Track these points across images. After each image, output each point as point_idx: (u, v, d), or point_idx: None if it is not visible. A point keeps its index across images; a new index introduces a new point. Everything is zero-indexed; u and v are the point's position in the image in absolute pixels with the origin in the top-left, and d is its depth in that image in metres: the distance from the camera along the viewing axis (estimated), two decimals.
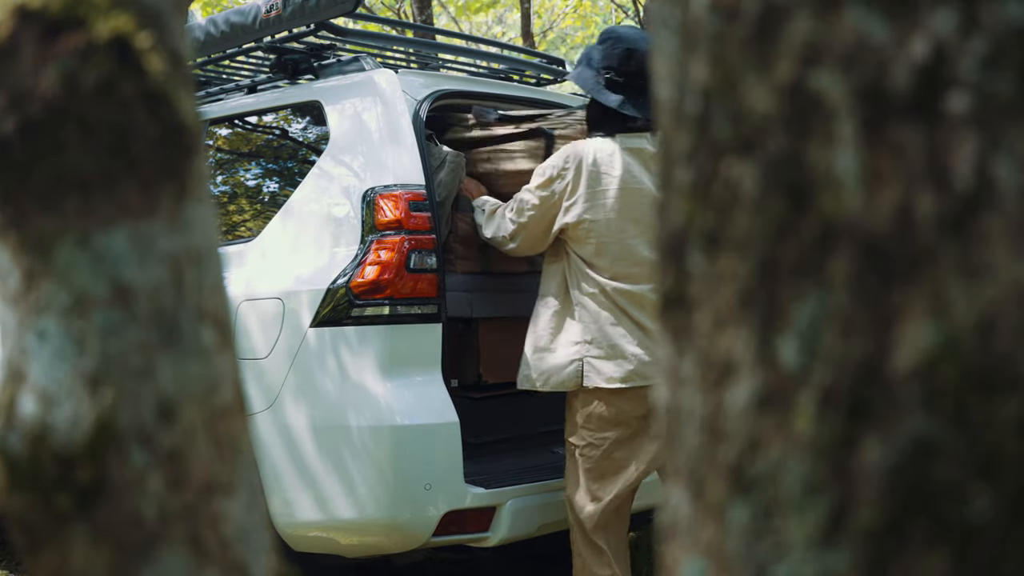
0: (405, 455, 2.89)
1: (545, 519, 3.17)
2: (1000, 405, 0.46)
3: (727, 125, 0.53)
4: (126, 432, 0.65)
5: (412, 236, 2.98)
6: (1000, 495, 0.46)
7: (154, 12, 0.68)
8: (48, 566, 0.66)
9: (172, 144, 0.68)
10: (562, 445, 3.60)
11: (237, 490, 0.69)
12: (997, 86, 0.47)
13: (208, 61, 4.05)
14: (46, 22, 0.66)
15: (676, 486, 0.57)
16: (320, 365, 3.00)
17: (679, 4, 0.56)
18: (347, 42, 3.80)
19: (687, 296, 0.56)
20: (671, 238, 0.57)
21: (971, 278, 0.47)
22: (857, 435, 0.48)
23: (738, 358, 0.53)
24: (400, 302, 2.96)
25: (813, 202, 0.50)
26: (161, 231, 0.67)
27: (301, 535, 3.06)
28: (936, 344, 0.47)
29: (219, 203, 3.72)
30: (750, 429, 0.52)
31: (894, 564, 0.48)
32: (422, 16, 8.69)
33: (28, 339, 0.66)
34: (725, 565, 0.53)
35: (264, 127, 3.81)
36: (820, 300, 0.50)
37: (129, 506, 0.64)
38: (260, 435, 3.06)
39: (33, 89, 0.66)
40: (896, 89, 0.48)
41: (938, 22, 0.47)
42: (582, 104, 4.18)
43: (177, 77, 0.69)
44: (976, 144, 0.47)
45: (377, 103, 3.19)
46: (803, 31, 0.50)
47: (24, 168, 0.66)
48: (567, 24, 13.83)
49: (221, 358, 0.69)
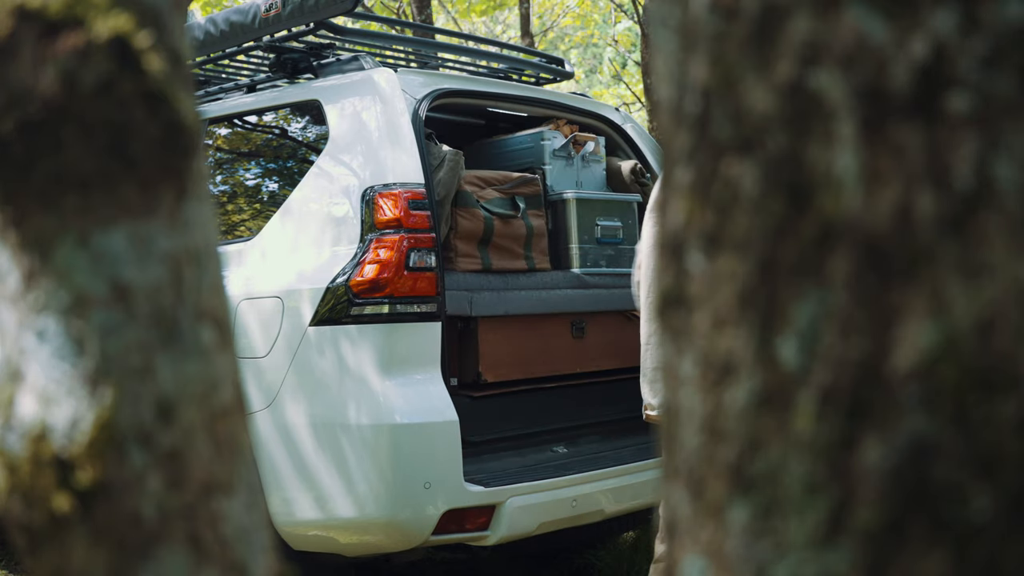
0: (404, 454, 2.89)
1: (544, 518, 3.17)
2: (1000, 405, 0.46)
3: (727, 125, 0.53)
4: (125, 432, 0.65)
5: (411, 235, 2.98)
6: (1000, 495, 0.46)
7: (153, 11, 0.68)
8: (47, 566, 0.66)
9: (171, 144, 0.68)
10: (561, 444, 3.61)
11: (236, 490, 0.69)
12: (997, 86, 0.47)
13: (207, 60, 4.05)
14: (45, 22, 0.66)
15: (676, 486, 0.57)
16: (319, 364, 3.00)
17: (679, 4, 0.56)
18: (346, 41, 3.80)
19: (687, 296, 0.56)
20: (671, 238, 0.57)
21: (971, 278, 0.47)
22: (857, 435, 0.48)
23: (738, 358, 0.53)
24: (399, 301, 2.96)
25: (813, 202, 0.50)
26: (160, 231, 0.67)
27: (300, 534, 3.06)
28: (936, 344, 0.47)
29: (218, 202, 3.72)
30: (750, 429, 0.52)
31: (894, 564, 0.48)
32: (421, 16, 8.69)
33: (27, 339, 0.66)
34: (725, 565, 0.53)
35: (263, 126, 3.81)
36: (820, 300, 0.50)
37: (128, 506, 0.64)
38: (259, 434, 3.06)
39: (32, 89, 0.66)
40: (896, 89, 0.48)
41: (938, 22, 0.47)
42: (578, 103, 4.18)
43: (177, 76, 0.69)
44: (976, 144, 0.47)
45: (376, 102, 3.19)
46: (803, 31, 0.50)
47: (23, 168, 0.66)
48: (567, 23, 13.83)
49: (220, 358, 0.69)
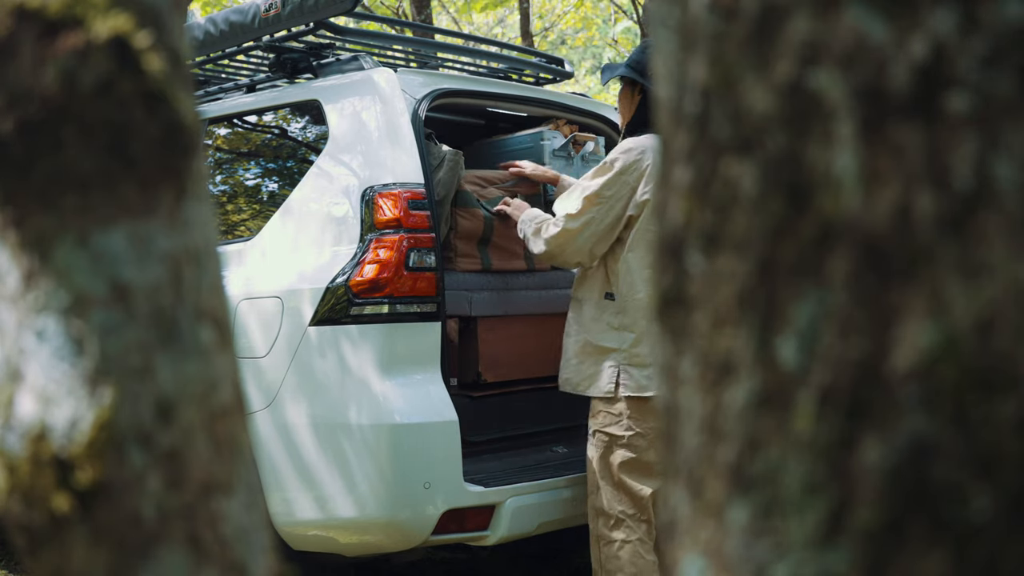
0: (404, 454, 2.89)
1: (544, 518, 3.17)
2: (999, 404, 0.46)
3: (726, 125, 0.53)
4: (125, 432, 0.65)
5: (411, 235, 2.98)
6: (999, 495, 0.46)
7: (153, 11, 0.68)
8: (47, 566, 0.66)
9: (171, 143, 0.68)
10: (561, 444, 3.61)
11: (236, 490, 0.69)
12: (996, 86, 0.47)
13: (207, 60, 4.05)
14: (45, 22, 0.66)
15: (675, 486, 0.57)
16: (319, 364, 3.00)
17: (678, 4, 0.56)
18: (346, 41, 3.80)
19: (686, 296, 0.56)
20: (670, 237, 0.57)
21: (970, 278, 0.47)
22: (856, 435, 0.48)
23: (737, 358, 0.53)
24: (399, 300, 2.96)
25: (812, 202, 0.50)
26: (160, 230, 0.67)
27: (300, 534, 3.06)
28: (935, 344, 0.47)
29: (218, 202, 3.72)
30: (749, 429, 0.52)
31: (893, 564, 0.48)
32: (421, 15, 8.69)
33: (27, 339, 0.66)
34: (724, 565, 0.53)
35: (263, 126, 3.81)
36: (819, 300, 0.50)
37: (128, 506, 0.64)
38: (259, 434, 3.06)
39: (32, 89, 0.66)
40: (895, 89, 0.48)
41: (937, 22, 0.47)
42: (582, 104, 4.18)
43: (176, 76, 0.69)
44: (975, 144, 0.47)
45: (376, 102, 3.19)
46: (802, 31, 0.50)
47: (23, 167, 0.66)
48: (567, 25, 13.83)
49: (220, 358, 0.69)
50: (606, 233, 2.98)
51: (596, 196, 2.95)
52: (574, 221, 2.98)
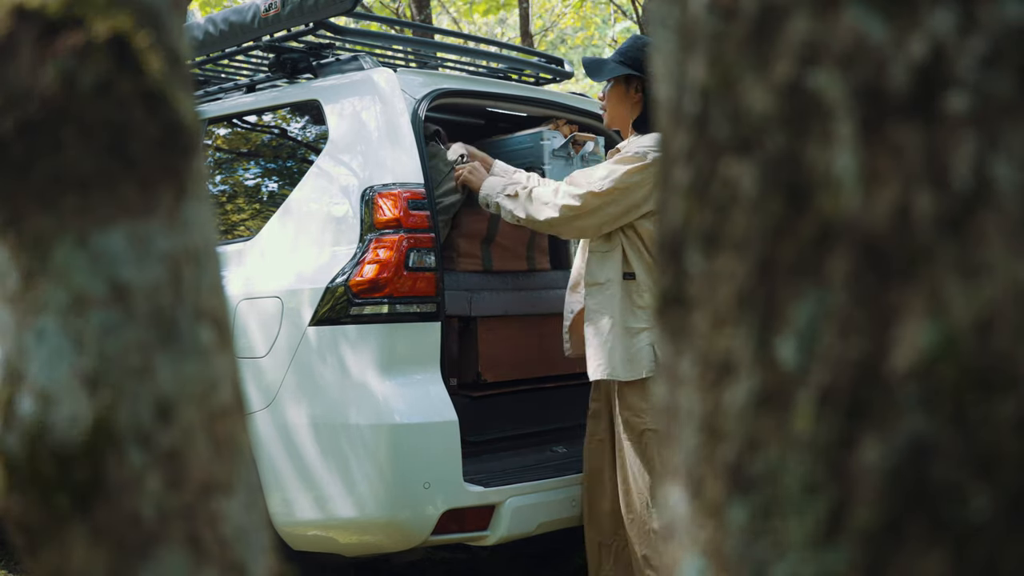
0: (404, 454, 2.89)
1: (544, 518, 3.17)
2: (998, 404, 0.46)
3: (726, 125, 0.53)
4: (124, 432, 0.65)
5: (411, 235, 2.98)
6: (999, 495, 0.46)
7: (152, 11, 0.68)
8: (47, 566, 0.66)
9: (170, 143, 0.68)
10: (561, 444, 3.60)
11: (236, 490, 0.69)
12: (996, 86, 0.47)
13: (207, 60, 4.05)
14: (44, 21, 0.66)
15: (675, 486, 0.57)
16: (319, 364, 3.00)
17: (678, 4, 0.56)
18: (346, 41, 3.80)
19: (686, 295, 0.56)
20: (670, 237, 0.57)
21: (969, 278, 0.47)
22: (856, 435, 0.48)
23: (737, 358, 0.53)
24: (399, 300, 2.96)
25: (812, 202, 0.50)
26: (159, 230, 0.67)
27: (300, 534, 3.06)
28: (934, 344, 0.47)
29: (218, 202, 3.72)
30: (749, 429, 0.52)
31: (893, 564, 0.48)
32: (420, 15, 8.69)
33: (26, 338, 0.66)
34: (724, 565, 0.53)
35: (263, 126, 3.81)
36: (819, 300, 0.50)
37: (128, 506, 0.64)
38: (259, 434, 3.06)
39: (31, 88, 0.66)
40: (895, 89, 0.48)
41: (936, 22, 0.47)
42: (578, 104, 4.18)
43: (176, 76, 0.69)
44: (975, 144, 0.47)
45: (376, 102, 3.19)
46: (801, 31, 0.50)
47: (22, 167, 0.66)
48: (566, 25, 13.83)
49: (219, 358, 0.69)
50: (619, 216, 2.97)
51: (623, 181, 2.94)
52: (597, 199, 2.96)
